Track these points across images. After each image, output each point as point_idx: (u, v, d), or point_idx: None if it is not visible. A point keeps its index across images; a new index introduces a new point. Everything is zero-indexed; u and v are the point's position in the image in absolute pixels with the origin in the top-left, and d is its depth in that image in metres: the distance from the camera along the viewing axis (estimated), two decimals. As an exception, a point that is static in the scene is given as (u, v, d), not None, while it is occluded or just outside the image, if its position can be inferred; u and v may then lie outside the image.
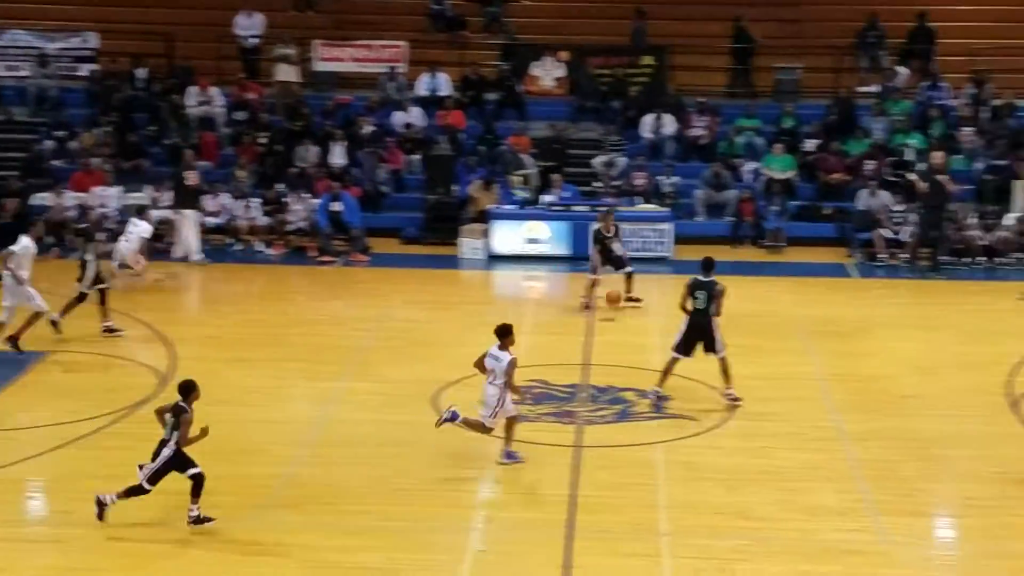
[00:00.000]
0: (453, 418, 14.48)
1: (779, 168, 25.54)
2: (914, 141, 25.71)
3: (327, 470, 14.45)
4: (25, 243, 18.41)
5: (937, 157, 23.58)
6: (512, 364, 14.30)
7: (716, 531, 13.06)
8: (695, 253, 23.91)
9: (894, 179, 24.84)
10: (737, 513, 13.45)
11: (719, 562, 12.45)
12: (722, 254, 24.07)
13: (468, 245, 24.41)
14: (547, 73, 28.26)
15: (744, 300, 21.03)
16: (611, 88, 27.76)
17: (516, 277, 23.58)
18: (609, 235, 21.01)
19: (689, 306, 16.46)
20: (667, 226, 24.27)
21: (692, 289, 16.45)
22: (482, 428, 14.55)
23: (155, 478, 12.67)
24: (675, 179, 25.66)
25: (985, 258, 23.70)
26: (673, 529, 13.16)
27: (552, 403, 16.62)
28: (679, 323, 16.60)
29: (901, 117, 26.29)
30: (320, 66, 28.64)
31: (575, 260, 23.90)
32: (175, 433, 12.59)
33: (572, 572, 12.14)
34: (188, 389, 12.72)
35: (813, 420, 16.15)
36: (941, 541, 13.53)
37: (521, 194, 25.03)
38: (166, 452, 12.63)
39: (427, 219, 25.50)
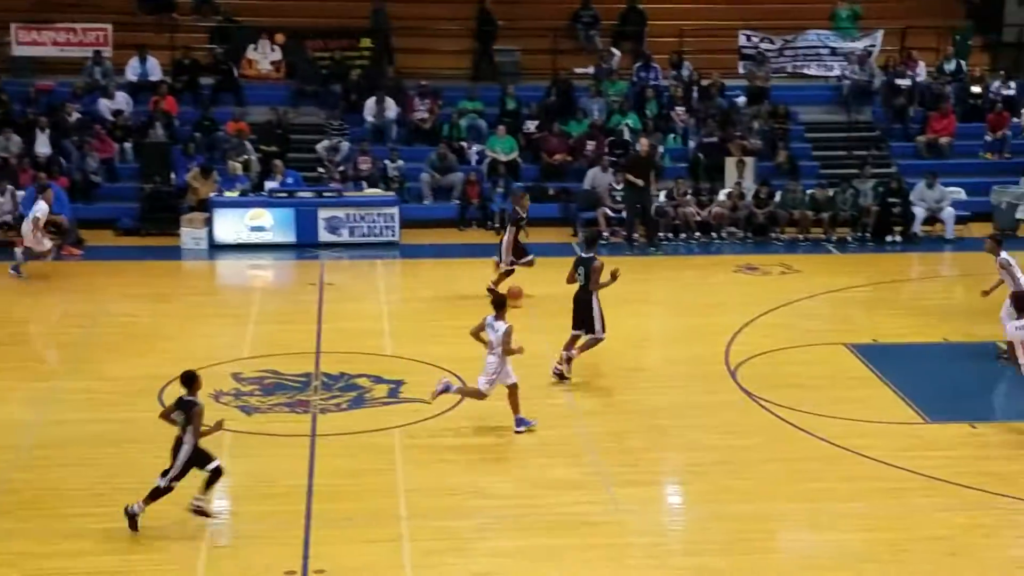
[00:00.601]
0: (447, 389, 15.03)
1: (503, 150, 25.80)
2: (631, 121, 26.38)
3: (44, 473, 13.77)
4: None
5: (643, 144, 24.19)
6: (508, 332, 14.88)
7: (455, 511, 13.10)
8: (423, 237, 24.23)
9: (614, 158, 25.41)
10: (475, 492, 13.50)
11: (459, 542, 12.50)
12: (450, 237, 24.45)
13: (189, 235, 23.74)
14: (264, 57, 27.73)
15: (473, 281, 21.17)
16: (331, 71, 27.45)
17: (240, 266, 23.08)
18: (524, 217, 20.43)
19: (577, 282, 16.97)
20: (394, 210, 24.20)
21: (575, 266, 16.98)
22: (478, 395, 15.12)
23: (179, 477, 12.38)
24: (400, 163, 25.61)
25: (700, 233, 24.51)
26: (412, 512, 13.10)
27: (284, 393, 16.32)
28: (411, 307, 16.53)
29: (617, 98, 26.93)
30: (19, 51, 27.27)
31: (300, 247, 23.57)
32: (189, 428, 12.24)
33: (311, 562, 11.94)
34: (192, 380, 12.41)
35: (546, 398, 16.36)
36: (670, 507, 13.91)
37: (241, 187, 24.39)
38: (186, 449, 12.32)
39: (144, 209, 24.69)
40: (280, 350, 17.88)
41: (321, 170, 25.61)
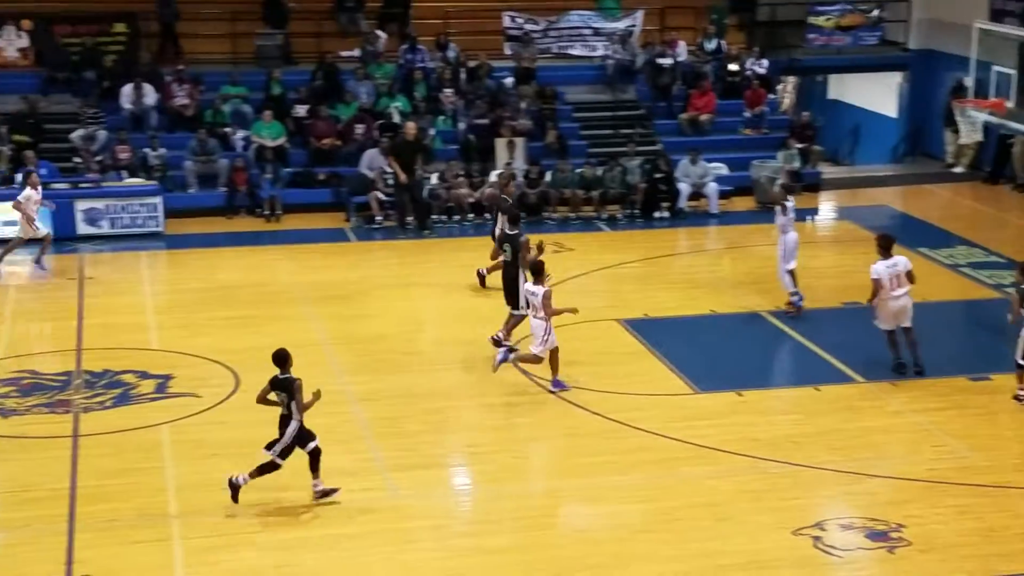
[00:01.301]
0: (506, 358, 15.87)
1: (269, 135, 25.29)
2: (399, 104, 26.20)
3: None
4: None
5: (409, 128, 24.04)
6: (547, 296, 15.62)
7: (229, 507, 12.77)
8: (190, 227, 23.57)
9: (384, 141, 25.19)
10: (248, 486, 13.12)
11: (234, 538, 12.24)
12: (218, 225, 23.85)
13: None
14: (10, 43, 26.52)
15: (243, 271, 20.74)
16: (83, 58, 26.42)
17: None
18: (511, 200, 20.03)
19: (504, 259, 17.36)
20: (157, 200, 23.44)
21: (500, 242, 17.43)
22: (535, 359, 15.85)
23: (285, 453, 12.69)
24: (162, 151, 24.82)
25: (474, 215, 24.50)
26: (183, 510, 12.75)
27: (43, 393, 15.64)
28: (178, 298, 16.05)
29: (385, 80, 26.70)
30: None
31: (57, 241, 22.61)
32: (293, 404, 12.56)
33: (75, 568, 11.46)
34: (285, 358, 12.74)
35: (320, 385, 15.99)
36: (449, 489, 13.85)
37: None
38: (294, 425, 12.67)
39: None
40: (38, 349, 17.14)
41: (77, 160, 24.64)
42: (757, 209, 25.06)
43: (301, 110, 25.93)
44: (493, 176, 24.79)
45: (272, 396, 12.80)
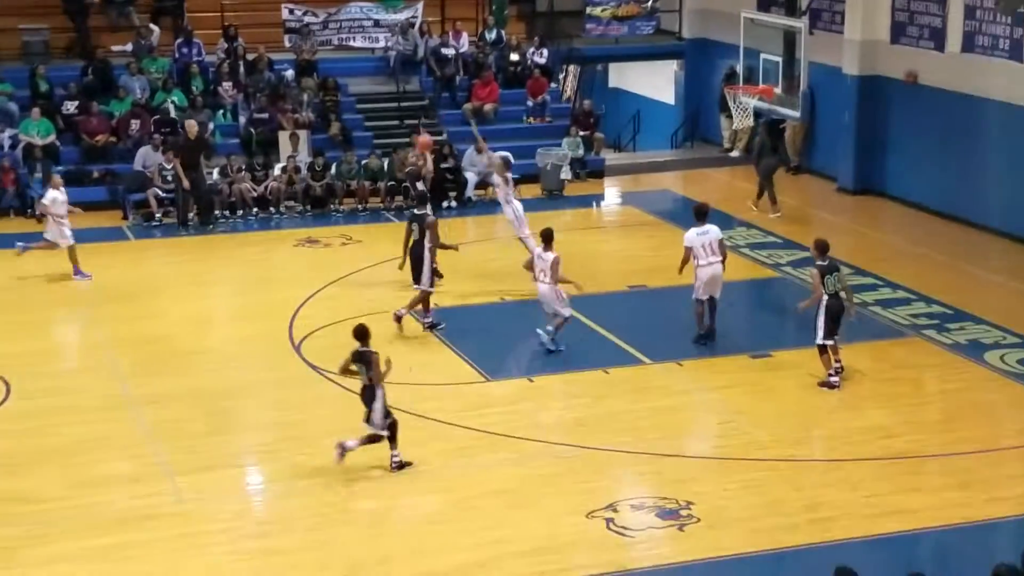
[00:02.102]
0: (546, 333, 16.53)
1: (38, 133, 24.36)
2: (176, 98, 25.57)
3: None
4: None
5: (191, 126, 23.46)
6: (555, 262, 16.36)
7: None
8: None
9: (160, 137, 24.54)
10: (18, 499, 12.70)
11: (2, 552, 11.72)
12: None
13: None
14: None
15: (14, 273, 19.95)
16: None
17: None
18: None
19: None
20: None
21: (410, 222, 17.80)
22: (564, 322, 16.55)
23: (387, 417, 13.35)
24: (-75, 152, 23.71)
25: (258, 209, 24.09)
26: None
27: None
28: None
29: (159, 75, 26.01)
30: None
31: None
32: (372, 375, 13.21)
33: None
34: (365, 333, 13.50)
35: (101, 389, 15.60)
36: (238, 490, 13.54)
37: None
38: (379, 393, 13.30)
39: None
40: None
41: None
42: (543, 197, 25.30)
43: (71, 107, 25.05)
44: (277, 170, 24.44)
45: (353, 367, 13.51)
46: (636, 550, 12.02)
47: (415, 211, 18.12)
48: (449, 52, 27.54)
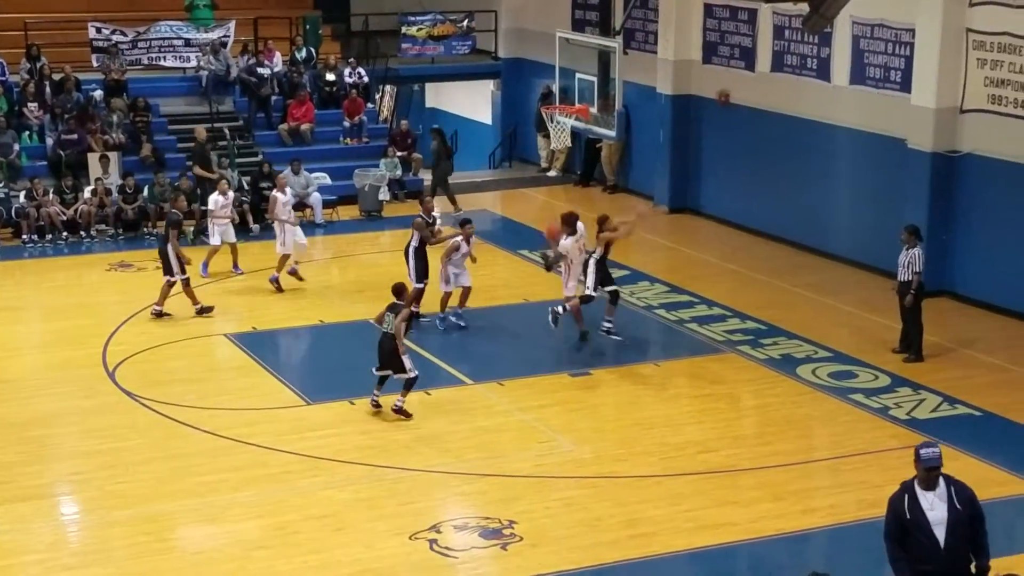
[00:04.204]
0: (564, 309, 17.16)
1: None
2: (-19, 119, 24.74)
3: None
4: None
5: None
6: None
7: None
8: None
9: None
10: None
11: None
12: None
13: None
14: None
15: None
16: None
17: None
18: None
19: None
20: None
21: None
22: (588, 299, 17.27)
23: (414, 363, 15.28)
24: None
25: (68, 233, 23.43)
26: None
27: None
28: None
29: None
30: None
31: None
32: (397, 325, 15.01)
33: None
34: (402, 290, 15.40)
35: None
36: (55, 520, 13.14)
37: None
38: (402, 348, 15.14)
39: None
40: None
41: None
42: (362, 218, 25.22)
43: None
44: (87, 192, 23.83)
45: (387, 317, 15.14)
46: (460, 571, 12.04)
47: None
48: (264, 72, 27.26)
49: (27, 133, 25.17)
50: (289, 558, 12.03)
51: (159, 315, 18.83)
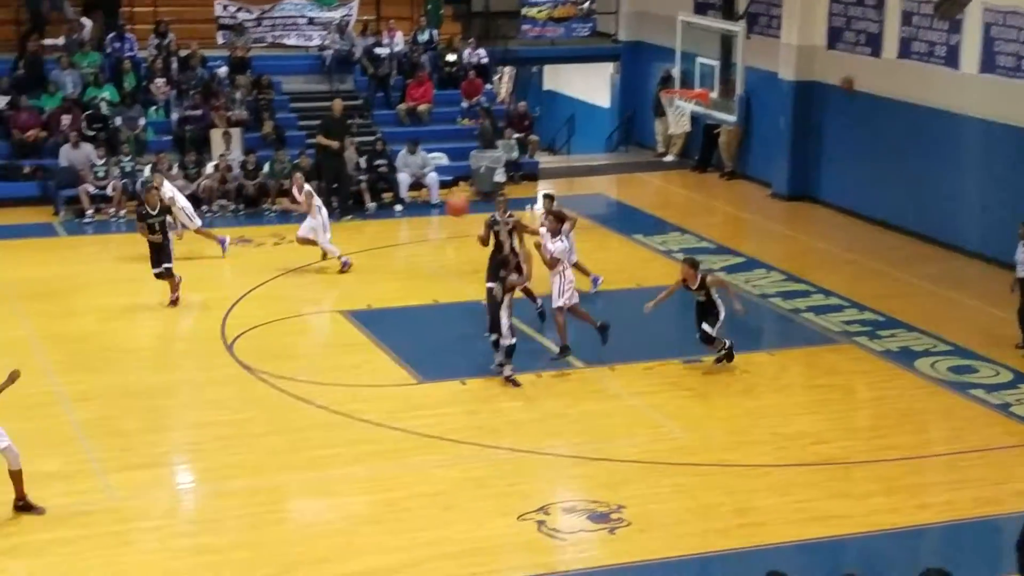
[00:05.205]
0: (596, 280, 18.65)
1: (-31, 127, 24.02)
2: (107, 94, 25.28)
3: None
4: None
5: (336, 104, 23.11)
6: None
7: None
8: None
9: (92, 132, 24.28)
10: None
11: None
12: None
13: None
14: None
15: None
16: None
17: None
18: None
19: None
20: None
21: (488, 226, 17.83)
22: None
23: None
24: None
25: (192, 206, 23.78)
26: None
27: None
28: None
29: (91, 70, 25.70)
30: None
31: None
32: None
33: None
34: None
35: (30, 386, 15.31)
36: (171, 488, 13.45)
37: None
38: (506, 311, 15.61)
39: None
40: None
41: None
42: (478, 199, 25.28)
43: (1, 101, 24.69)
44: (209, 168, 24.23)
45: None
46: (568, 553, 12.04)
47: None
48: (383, 51, 27.46)
49: (153, 108, 25.66)
50: (398, 534, 12.14)
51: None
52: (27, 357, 16.15)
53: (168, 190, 20.42)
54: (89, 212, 23.20)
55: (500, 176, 25.86)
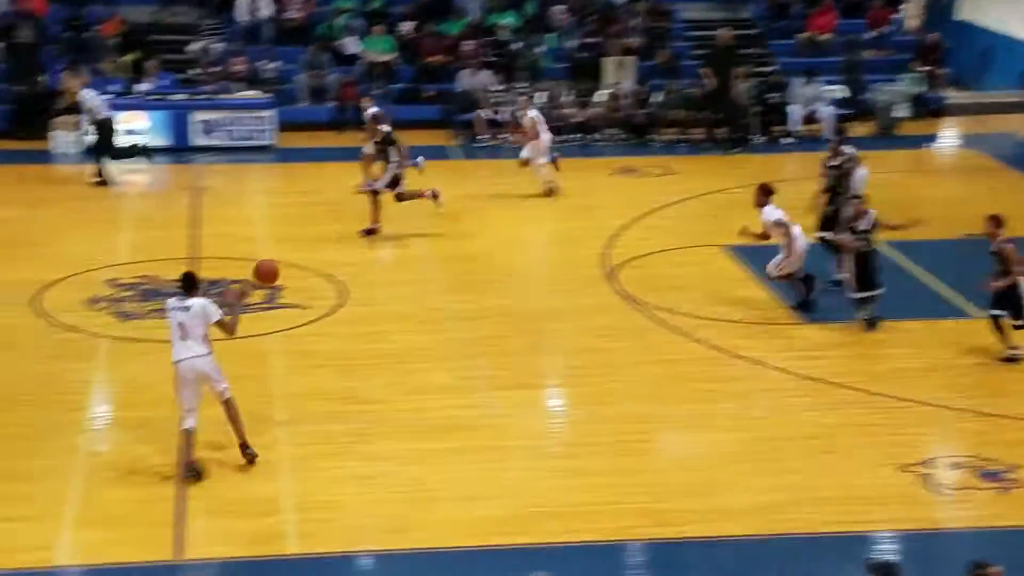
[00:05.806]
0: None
1: (379, 50, 25.21)
2: (509, 20, 25.88)
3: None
4: None
5: (725, 34, 23.66)
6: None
7: (332, 416, 12.96)
8: (299, 140, 23.68)
9: (493, 59, 24.98)
10: (351, 398, 13.34)
11: (335, 446, 12.38)
12: (327, 140, 23.90)
13: (61, 138, 22.98)
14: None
15: (348, 187, 20.78)
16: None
17: (115, 170, 22.15)
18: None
19: None
20: (269, 113, 23.57)
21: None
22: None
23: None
24: (276, 64, 24.90)
25: (580, 134, 24.20)
26: (289, 418, 12.94)
27: (161, 299, 15.79)
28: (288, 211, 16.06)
29: (494, -5, 26.37)
30: None
31: (176, 151, 22.94)
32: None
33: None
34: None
35: (423, 302, 16.14)
36: (547, 410, 13.82)
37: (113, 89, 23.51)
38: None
39: (15, 112, 23.80)
40: (156, 256, 17.41)
41: (194, 72, 24.82)
42: (877, 135, 24.37)
43: (407, 26, 25.73)
44: (601, 95, 24.44)
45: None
46: (954, 509, 11.55)
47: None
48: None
49: (553, 35, 26.02)
50: (770, 474, 11.96)
51: None
52: (421, 275, 16.97)
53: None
54: (483, 137, 23.89)
55: (902, 111, 24.80)
